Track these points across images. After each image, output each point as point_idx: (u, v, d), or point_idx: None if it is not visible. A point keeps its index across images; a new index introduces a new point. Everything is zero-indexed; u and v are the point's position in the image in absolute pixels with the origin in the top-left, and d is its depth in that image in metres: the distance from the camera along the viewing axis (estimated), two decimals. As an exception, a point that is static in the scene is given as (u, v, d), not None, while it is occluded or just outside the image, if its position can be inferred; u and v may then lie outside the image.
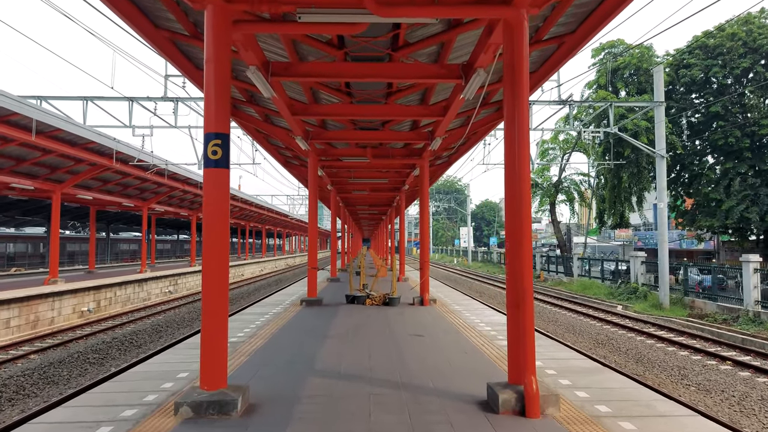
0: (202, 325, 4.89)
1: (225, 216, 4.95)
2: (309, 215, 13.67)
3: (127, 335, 16.86)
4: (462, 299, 15.60)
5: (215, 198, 4.92)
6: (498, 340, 8.53)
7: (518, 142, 4.92)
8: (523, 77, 4.95)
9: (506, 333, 9.18)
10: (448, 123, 9.99)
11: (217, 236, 4.92)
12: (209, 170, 4.91)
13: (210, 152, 4.84)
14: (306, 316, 11.45)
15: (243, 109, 12.83)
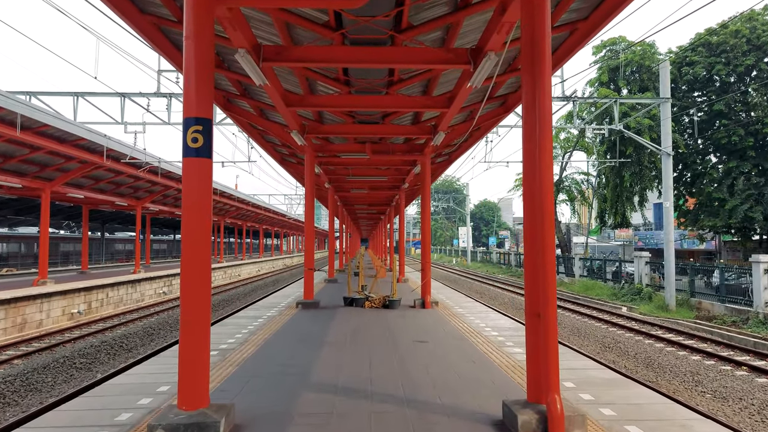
0: (180, 338, 4.31)
1: (206, 212, 4.37)
2: (305, 214, 13.08)
3: (118, 338, 16.26)
4: (465, 301, 15.02)
5: (195, 191, 4.33)
6: (507, 347, 7.95)
7: (539, 130, 4.34)
8: (544, 56, 4.37)
9: (515, 339, 8.72)
10: (453, 115, 9.41)
11: (198, 235, 4.34)
12: (189, 160, 4.32)
13: (190, 140, 4.26)
14: (302, 320, 10.87)
15: (236, 103, 12.28)
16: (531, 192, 4.45)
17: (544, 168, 4.29)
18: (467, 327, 9.97)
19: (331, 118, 11.50)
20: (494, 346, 8.01)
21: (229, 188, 36.21)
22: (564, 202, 43.31)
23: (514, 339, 8.68)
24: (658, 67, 32.66)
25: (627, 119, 27.34)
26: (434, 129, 11.25)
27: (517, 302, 25.61)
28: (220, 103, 11.85)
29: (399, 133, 11.64)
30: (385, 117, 10.94)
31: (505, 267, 51.12)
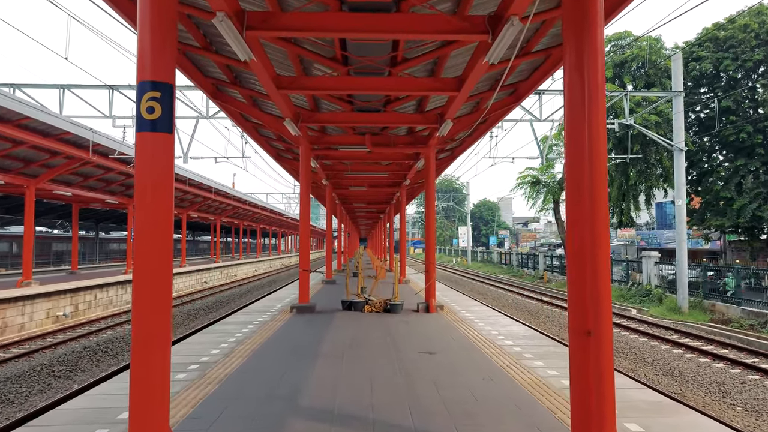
0: (132, 360, 3.38)
1: (165, 202, 3.45)
2: (300, 211, 12.15)
3: (102, 343, 15.30)
4: (471, 304, 14.09)
5: (151, 175, 3.41)
6: (525, 360, 7.02)
7: (589, 100, 3.41)
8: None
9: (533, 349, 7.55)
10: (463, 100, 8.47)
11: (154, 231, 3.42)
12: (143, 135, 3.40)
13: (144, 110, 3.34)
14: (295, 326, 9.93)
15: (227, 92, 11.37)
16: (577, 181, 3.52)
17: (595, 149, 3.37)
18: (477, 335, 9.04)
19: (327, 106, 10.57)
20: (511, 359, 7.08)
21: (225, 186, 35.27)
22: (567, 200, 42.34)
23: (531, 349, 7.75)
24: (665, 62, 31.85)
25: (634, 115, 26.41)
26: (440, 118, 10.32)
27: (521, 304, 24.70)
28: (209, 90, 10.93)
29: (402, 122, 10.69)
30: (386, 104, 10.01)
31: (507, 267, 50.24)
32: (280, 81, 7.98)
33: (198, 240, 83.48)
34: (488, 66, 6.63)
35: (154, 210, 3.42)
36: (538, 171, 41.50)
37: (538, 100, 20.16)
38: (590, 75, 3.41)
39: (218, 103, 11.36)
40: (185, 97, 19.63)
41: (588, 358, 3.35)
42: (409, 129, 12.59)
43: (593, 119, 3.36)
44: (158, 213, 3.43)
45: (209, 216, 42.63)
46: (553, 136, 38.70)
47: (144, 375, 3.33)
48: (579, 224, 3.47)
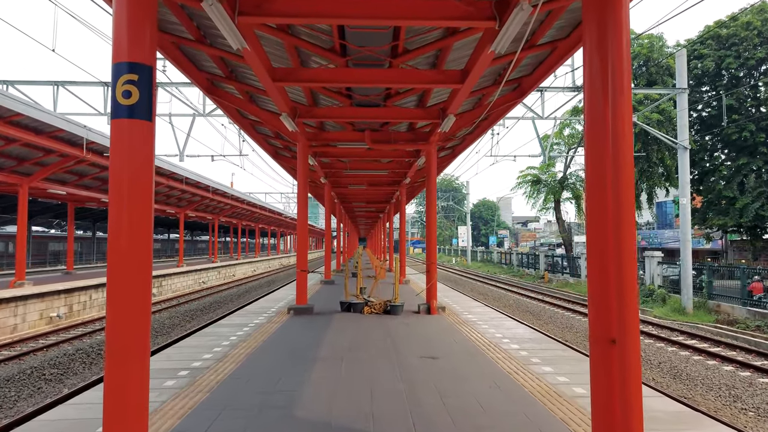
0: (105, 374, 3.04)
1: (145, 198, 3.11)
2: (298, 210, 11.80)
3: (96, 345, 14.95)
4: (473, 306, 13.75)
5: (129, 167, 3.07)
6: (533, 365, 6.69)
7: (613, 85, 3.07)
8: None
9: (541, 353, 7.04)
10: (467, 94, 8.13)
11: (132, 230, 3.07)
12: (119, 123, 3.06)
13: (120, 94, 3.00)
14: (292, 329, 9.59)
15: (222, 87, 11.04)
16: (598, 175, 3.18)
17: (620, 138, 3.02)
18: (481, 338, 8.71)
19: (325, 101, 10.23)
20: (518, 364, 6.74)
21: (223, 185, 34.93)
22: (568, 200, 42.03)
23: (538, 353, 7.42)
24: (667, 61, 31.54)
25: (636, 114, 26.11)
26: (442, 113, 9.98)
27: (522, 304, 24.37)
28: (203, 85, 10.60)
29: (402, 117, 10.35)
30: (386, 98, 9.66)
31: (507, 267, 49.92)
32: (275, 73, 7.64)
33: (197, 240, 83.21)
34: (493, 56, 6.29)
35: (131, 207, 3.08)
36: (539, 170, 41.18)
37: (540, 98, 19.85)
38: (614, 55, 3.07)
39: (213, 98, 11.03)
40: (181, 93, 19.32)
41: (612, 369, 3.02)
42: (410, 125, 12.26)
43: (618, 105, 3.03)
44: (136, 210, 3.09)
45: (207, 215, 42.28)
46: (554, 134, 38.47)
47: (119, 389, 3.00)
48: (601, 223, 3.14)
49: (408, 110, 10.37)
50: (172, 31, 8.21)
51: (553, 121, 27.22)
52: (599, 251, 3.13)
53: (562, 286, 32.72)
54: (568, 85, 20.94)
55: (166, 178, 26.59)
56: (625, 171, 3.00)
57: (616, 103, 3.01)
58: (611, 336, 3.02)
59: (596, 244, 3.16)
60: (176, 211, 35.10)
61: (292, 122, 9.44)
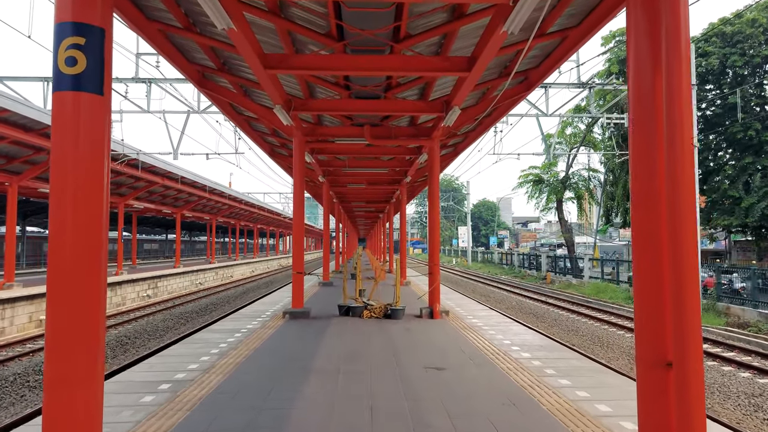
0: (43, 407, 2.47)
1: (96, 189, 2.53)
2: (294, 209, 11.22)
3: (84, 350, 14.36)
4: (477, 309, 13.17)
5: (75, 150, 2.49)
6: (549, 377, 6.11)
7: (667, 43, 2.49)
8: None
9: (554, 363, 6.34)
10: (474, 81, 7.55)
11: (78, 228, 2.49)
12: (63, 96, 2.49)
13: (63, 61, 2.43)
14: (287, 335, 9.01)
15: (214, 80, 10.49)
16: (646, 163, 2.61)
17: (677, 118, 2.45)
18: (489, 345, 8.13)
19: (322, 92, 9.66)
20: (532, 376, 6.16)
21: (220, 185, 34.37)
22: (570, 200, 41.47)
23: (552, 363, 6.84)
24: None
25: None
26: (446, 106, 9.40)
27: (525, 306, 23.80)
28: (195, 78, 10.05)
29: (404, 110, 9.75)
30: (387, 90, 9.08)
31: (508, 268, 49.36)
32: (267, 60, 7.06)
33: (195, 240, 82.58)
34: (506, 37, 5.72)
35: (76, 201, 2.51)
36: (541, 169, 40.62)
37: (544, 94, 19.29)
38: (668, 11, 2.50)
39: (205, 91, 10.48)
40: (175, 90, 18.76)
41: (667, 399, 2.45)
42: (411, 120, 11.69)
43: (674, 74, 2.45)
44: (82, 205, 2.52)
45: (205, 216, 41.71)
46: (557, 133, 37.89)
47: (60, 424, 2.42)
48: (650, 220, 2.57)
49: (410, 102, 9.79)
50: (159, 18, 7.68)
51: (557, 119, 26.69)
52: (649, 255, 2.56)
53: (564, 287, 32.16)
54: (573, 81, 20.39)
55: (162, 178, 26.03)
56: (684, 156, 2.44)
57: (671, 72, 2.45)
58: (666, 358, 2.45)
59: (645, 247, 2.59)
60: (173, 211, 34.52)
61: (286, 115, 8.86)
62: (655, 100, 2.57)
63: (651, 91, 2.60)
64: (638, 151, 2.72)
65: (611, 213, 36.21)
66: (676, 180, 2.43)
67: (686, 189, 2.42)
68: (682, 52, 2.48)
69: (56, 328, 2.48)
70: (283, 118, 9.06)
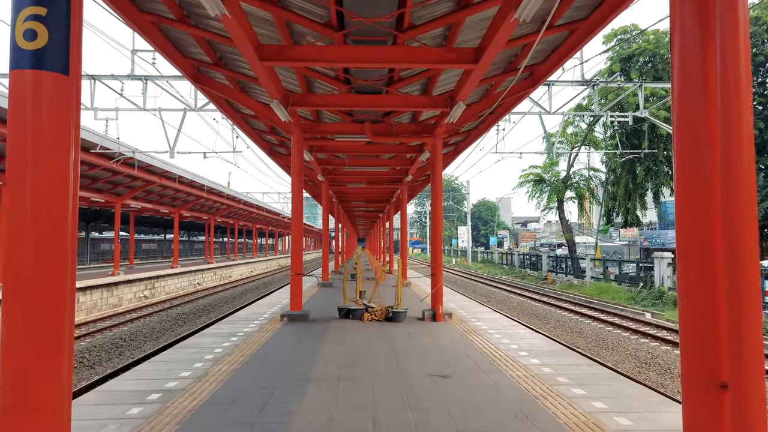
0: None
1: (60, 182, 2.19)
2: (292, 208, 10.88)
3: (78, 353, 14.01)
4: (481, 311, 12.83)
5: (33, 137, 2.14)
6: (561, 386, 5.77)
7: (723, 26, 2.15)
8: None
9: (566, 370, 6.28)
10: (481, 74, 7.21)
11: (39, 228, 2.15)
12: (20, 75, 2.15)
13: (21, 34, 2.09)
14: (285, 339, 8.66)
15: (210, 75, 10.18)
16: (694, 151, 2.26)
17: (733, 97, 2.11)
18: (495, 350, 7.79)
19: (321, 87, 9.32)
20: (543, 384, 5.82)
21: (219, 184, 34.03)
22: (571, 199, 41.13)
23: (564, 370, 6.50)
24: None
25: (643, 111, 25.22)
26: (450, 101, 9.07)
27: (527, 307, 23.47)
28: (189, 73, 9.73)
29: (406, 106, 9.40)
30: (389, 84, 8.73)
31: (508, 268, 49.03)
32: (264, 51, 6.72)
33: (194, 240, 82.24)
34: (517, 24, 5.38)
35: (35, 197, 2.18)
36: (542, 169, 40.28)
37: (547, 92, 18.97)
38: None
39: (200, 87, 10.15)
40: (172, 87, 18.44)
41: (721, 424, 2.12)
42: (413, 117, 11.36)
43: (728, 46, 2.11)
44: (44, 201, 2.19)
45: (203, 216, 41.36)
46: (558, 133, 37.53)
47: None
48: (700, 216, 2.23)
49: (412, 97, 9.44)
50: (152, 10, 7.37)
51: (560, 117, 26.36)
52: (698, 262, 2.22)
53: (566, 287, 31.84)
54: (576, 79, 20.07)
55: (159, 177, 25.70)
56: (743, 144, 2.10)
57: (725, 44, 2.10)
58: (720, 379, 2.12)
59: (693, 252, 2.25)
60: (170, 210, 34.16)
61: (284, 111, 8.52)
62: (706, 84, 2.24)
63: (701, 72, 2.26)
64: (684, 147, 2.38)
65: (612, 213, 35.90)
66: (733, 177, 2.08)
67: (745, 185, 2.08)
68: (740, 17, 2.13)
69: (10, 344, 2.14)
70: (281, 114, 8.72)
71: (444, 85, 9.54)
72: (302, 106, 8.93)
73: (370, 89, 8.78)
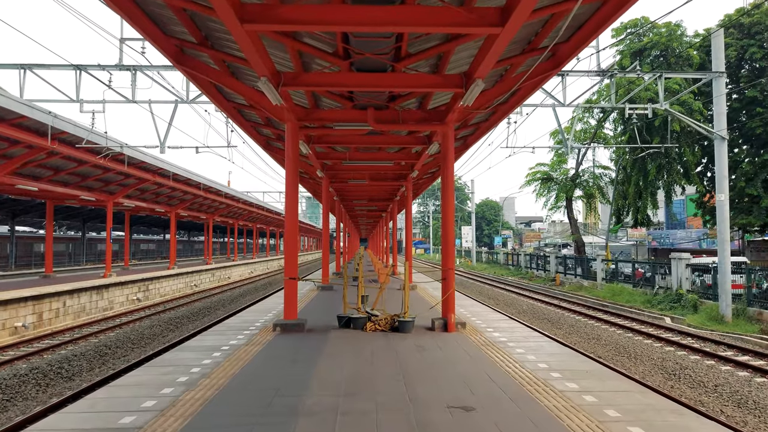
0: None
1: None
2: (286, 203, 9.72)
3: (57, 363, 12.92)
4: (496, 318, 11.63)
5: None
6: (612, 421, 4.59)
7: None
8: None
9: (616, 401, 5.00)
10: (508, 40, 6.00)
11: None
12: None
13: None
14: (274, 356, 7.49)
15: (194, 55, 9.06)
16: None
17: None
18: (521, 369, 6.62)
19: (318, 64, 8.16)
20: (591, 420, 4.64)
21: (216, 183, 32.93)
22: (580, 198, 39.92)
23: (609, 398, 5.32)
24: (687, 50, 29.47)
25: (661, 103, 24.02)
26: (466, 80, 7.90)
27: (538, 310, 22.30)
28: (171, 53, 8.62)
29: (414, 86, 8.17)
30: (396, 59, 7.53)
31: (514, 268, 47.81)
32: (245, 11, 5.55)
33: (194, 240, 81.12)
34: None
35: None
36: (550, 167, 39.05)
37: (561, 83, 17.79)
38: None
39: (184, 69, 9.03)
40: (162, 78, 17.34)
41: None
42: (421, 103, 10.20)
43: None
44: None
45: (201, 215, 40.24)
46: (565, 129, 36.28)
47: None
48: None
49: (422, 76, 8.24)
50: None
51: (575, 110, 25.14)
52: None
53: (575, 289, 30.67)
54: (593, 68, 18.90)
55: (153, 174, 24.58)
56: None
57: None
58: None
59: None
60: (166, 210, 33.05)
61: (274, 91, 7.36)
62: None
63: None
64: None
65: (622, 212, 34.69)
66: None
67: None
68: None
69: None
70: (271, 96, 7.56)
71: (459, 61, 8.40)
72: (295, 85, 7.75)
73: (373, 65, 7.60)
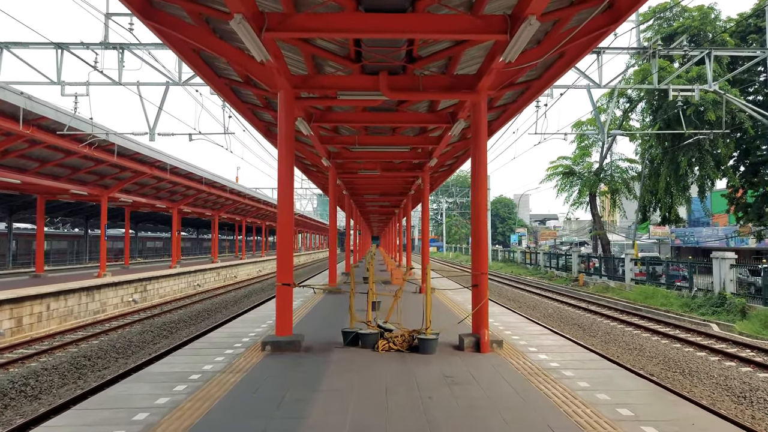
0: None
1: None
2: (279, 191, 7.86)
3: (25, 376, 11.24)
4: (534, 332, 9.63)
5: None
6: None
7: None
8: None
9: None
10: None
11: None
12: None
13: None
14: (256, 392, 5.62)
15: (165, 8, 7.24)
16: None
17: None
18: (593, 414, 4.71)
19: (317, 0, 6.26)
20: None
21: (221, 177, 31.25)
22: (605, 194, 37.72)
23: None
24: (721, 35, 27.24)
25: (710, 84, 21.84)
26: (511, 22, 5.98)
27: (565, 314, 20.29)
28: (135, 4, 6.77)
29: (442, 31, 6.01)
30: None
31: (532, 268, 45.65)
32: None
33: (202, 238, 79.78)
34: None
35: None
36: (572, 160, 36.89)
37: (596, 60, 15.79)
38: None
39: (151, 25, 7.18)
40: (152, 58, 15.61)
41: None
42: (447, 66, 8.28)
43: None
44: None
45: (206, 212, 38.61)
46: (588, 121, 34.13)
47: None
48: None
49: (451, 18, 6.23)
50: None
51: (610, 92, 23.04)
52: None
53: (601, 290, 28.58)
54: (632, 45, 16.88)
55: (150, 167, 22.89)
56: None
57: None
58: None
59: None
60: (168, 206, 31.38)
61: (255, 37, 5.49)
62: None
63: None
64: None
65: (648, 209, 32.53)
66: None
67: None
68: None
69: None
70: (253, 46, 5.69)
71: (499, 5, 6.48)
72: (283, 30, 5.85)
73: (387, 4, 5.69)
